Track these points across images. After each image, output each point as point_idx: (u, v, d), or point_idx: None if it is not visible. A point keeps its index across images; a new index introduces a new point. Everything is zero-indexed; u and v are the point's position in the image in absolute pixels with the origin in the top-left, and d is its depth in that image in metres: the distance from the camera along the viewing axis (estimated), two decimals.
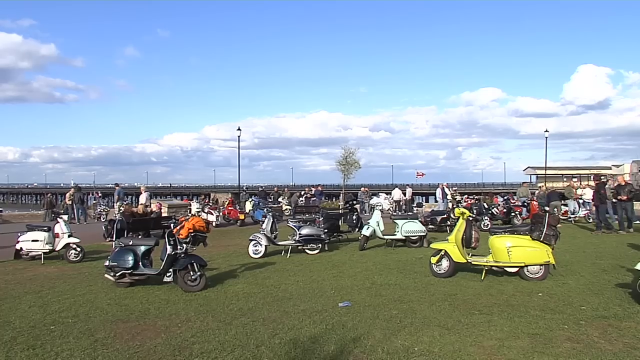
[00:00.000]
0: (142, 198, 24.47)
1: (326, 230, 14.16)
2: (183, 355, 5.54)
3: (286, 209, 28.22)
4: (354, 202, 19.13)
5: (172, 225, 9.40)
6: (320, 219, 14.69)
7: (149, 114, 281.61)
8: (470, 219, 10.16)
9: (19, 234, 13.25)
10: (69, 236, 12.92)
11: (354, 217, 17.27)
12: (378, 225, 14.27)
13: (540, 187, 37.38)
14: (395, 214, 21.20)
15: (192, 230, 9.06)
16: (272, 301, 8.14)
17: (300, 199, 29.84)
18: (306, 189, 33.69)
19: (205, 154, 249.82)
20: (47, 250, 12.82)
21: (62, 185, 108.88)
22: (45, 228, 13.20)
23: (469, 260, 9.76)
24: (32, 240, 12.87)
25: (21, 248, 12.98)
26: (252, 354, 5.54)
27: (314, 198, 29.41)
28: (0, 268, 12.00)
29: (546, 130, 52.38)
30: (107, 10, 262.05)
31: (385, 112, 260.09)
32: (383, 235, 14.39)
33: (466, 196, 26.80)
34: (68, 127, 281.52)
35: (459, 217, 10.21)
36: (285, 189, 34.74)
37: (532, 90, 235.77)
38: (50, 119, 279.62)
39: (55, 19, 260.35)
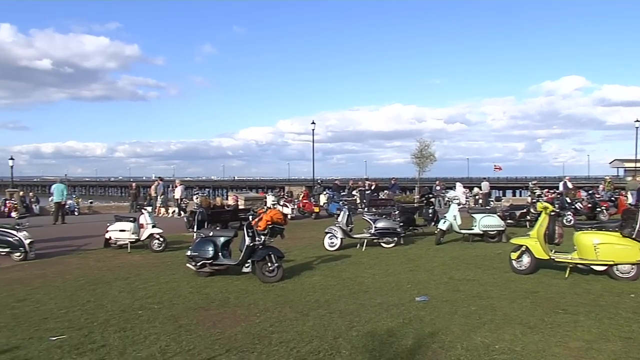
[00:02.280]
0: (177, 192, 25.17)
1: (402, 224, 13.99)
2: (262, 344, 5.65)
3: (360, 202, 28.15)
4: (431, 195, 18.76)
5: (250, 217, 9.59)
6: (396, 212, 14.54)
7: (225, 109, 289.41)
8: (553, 213, 9.71)
9: (108, 224, 14.03)
10: (153, 227, 13.53)
11: (430, 210, 16.98)
12: (455, 219, 13.95)
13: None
14: (473, 207, 20.67)
15: (270, 223, 9.24)
16: (348, 294, 8.15)
17: (354, 191, 29.22)
18: (359, 182, 33.11)
19: (279, 147, 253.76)
20: (133, 240, 13.49)
21: (144, 178, 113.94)
22: (132, 219, 13.90)
23: (552, 257, 9.35)
24: (120, 230, 13.60)
25: (110, 237, 13.76)
26: (330, 345, 5.57)
27: (368, 191, 28.77)
28: (92, 255, 12.79)
29: (637, 120, 49.27)
30: (186, 10, 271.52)
31: (460, 103, 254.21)
32: (460, 229, 14.06)
33: (546, 190, 25.67)
34: (149, 123, 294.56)
35: (540, 212, 9.80)
36: (360, 182, 34.49)
37: (620, 77, 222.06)
38: (133, 115, 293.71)
39: (139, 20, 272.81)
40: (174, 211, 25.25)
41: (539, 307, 7.07)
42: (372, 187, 29.32)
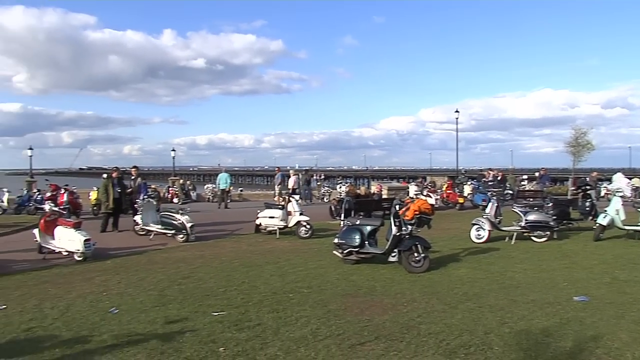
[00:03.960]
0: (291, 182, 25.31)
1: (555, 217, 13.10)
2: (411, 334, 5.63)
3: (507, 194, 26.75)
4: (588, 187, 17.32)
5: (396, 206, 9.57)
6: (549, 205, 13.64)
7: (367, 99, 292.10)
8: None
9: (258, 211, 14.85)
10: (300, 214, 14.06)
11: (587, 203, 15.70)
12: (618, 213, 12.73)
13: None
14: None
15: (417, 212, 9.15)
16: (498, 288, 7.83)
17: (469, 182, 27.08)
18: (487, 172, 30.69)
19: (420, 137, 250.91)
20: (282, 226, 14.13)
21: (288, 167, 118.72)
22: (280, 206, 14.56)
23: None
24: (269, 217, 14.33)
25: (260, 223, 14.55)
26: (481, 340, 5.40)
27: (492, 182, 26.70)
28: (244, 240, 13.64)
29: None
30: (327, 3, 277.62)
31: (621, 85, 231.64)
32: (623, 225, 12.80)
33: None
34: (293, 114, 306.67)
35: None
36: (486, 172, 32.43)
37: None
38: (278, 108, 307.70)
39: (282, 17, 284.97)
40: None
41: None
42: (498, 178, 27.50)
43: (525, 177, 30.86)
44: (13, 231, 15.29)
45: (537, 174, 29.68)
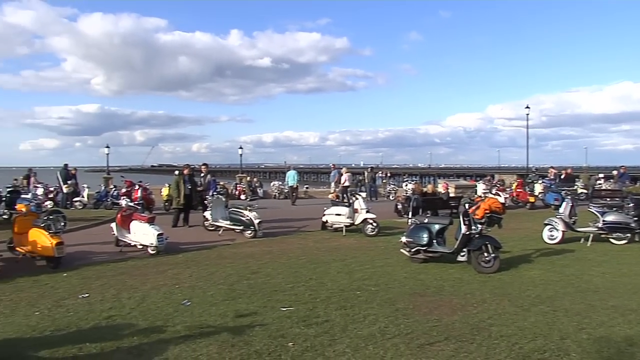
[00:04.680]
0: (343, 179, 24.78)
1: (636, 218, 12.40)
2: (482, 336, 5.48)
3: (581, 193, 25.57)
4: None
5: (465, 205, 9.36)
6: (630, 205, 12.92)
7: (432, 96, 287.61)
8: None
9: (325, 208, 14.91)
10: (367, 212, 14.01)
11: None
12: None
13: None
14: None
15: (488, 211, 8.92)
16: (573, 292, 7.51)
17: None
18: (549, 171, 28.91)
19: (488, 134, 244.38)
20: (348, 224, 14.12)
21: (353, 165, 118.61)
22: (347, 204, 14.55)
23: None
24: (336, 214, 14.36)
25: (326, 220, 14.61)
26: (557, 346, 5.19)
27: (555, 181, 25.19)
28: (310, 236, 13.74)
29: None
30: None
31: None
32: None
33: None
34: (358, 112, 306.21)
35: None
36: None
37: None
38: (343, 105, 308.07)
39: (347, 14, 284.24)
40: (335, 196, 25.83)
41: None
42: (562, 176, 26.06)
43: (601, 175, 29.28)
44: (92, 224, 16.09)
45: (614, 172, 28.11)
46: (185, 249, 11.74)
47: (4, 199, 17.11)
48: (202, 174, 17.38)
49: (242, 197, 27.12)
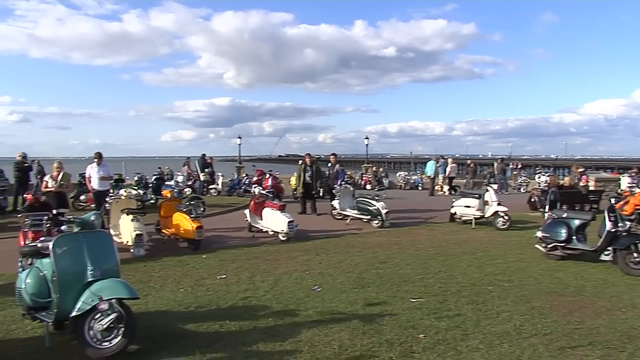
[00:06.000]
0: (448, 170, 23.87)
1: None
2: (633, 344, 5.03)
3: None
4: None
5: (612, 200, 8.65)
6: None
7: (568, 82, 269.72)
8: None
9: (454, 200, 14.57)
10: (498, 204, 13.45)
11: None
12: None
13: None
14: None
15: (638, 207, 8.17)
16: None
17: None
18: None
19: (634, 122, 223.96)
20: (478, 216, 13.66)
21: (480, 156, 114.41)
22: (477, 196, 14.08)
23: None
24: (465, 206, 13.95)
25: (455, 212, 14.25)
26: None
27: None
28: (438, 228, 13.49)
29: None
30: None
31: None
32: None
33: None
34: (486, 100, 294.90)
35: None
36: None
37: None
38: (470, 94, 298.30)
39: None
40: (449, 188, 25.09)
41: None
42: None
43: None
44: (227, 211, 17.06)
45: None
46: (314, 236, 12.06)
47: (150, 185, 18.80)
48: (331, 164, 17.69)
49: (368, 187, 27.27)
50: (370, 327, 5.46)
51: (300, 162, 17.27)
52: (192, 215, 10.50)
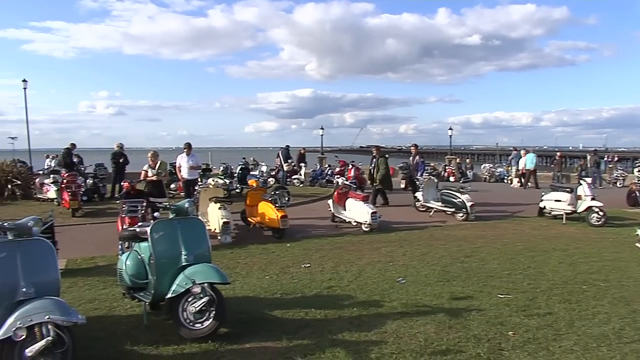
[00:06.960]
0: (521, 162, 23.13)
1: None
2: None
3: None
4: None
5: None
6: None
7: None
8: None
9: (543, 193, 13.94)
10: (592, 199, 12.73)
11: None
12: None
13: None
14: None
15: None
16: None
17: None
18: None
19: None
20: (569, 211, 12.99)
21: (570, 147, 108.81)
22: (568, 189, 13.40)
23: None
24: (555, 200, 13.31)
25: (544, 206, 13.64)
26: None
27: None
28: (526, 222, 12.98)
29: None
30: None
31: None
32: None
33: None
34: (578, 89, 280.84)
35: None
36: None
37: None
38: (560, 82, 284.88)
39: None
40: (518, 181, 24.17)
41: None
42: None
43: None
44: (310, 201, 17.30)
45: None
46: (397, 228, 11.97)
47: (236, 175, 19.38)
48: (412, 155, 17.44)
49: (451, 179, 26.70)
50: (456, 321, 5.35)
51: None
52: (277, 205, 10.73)
